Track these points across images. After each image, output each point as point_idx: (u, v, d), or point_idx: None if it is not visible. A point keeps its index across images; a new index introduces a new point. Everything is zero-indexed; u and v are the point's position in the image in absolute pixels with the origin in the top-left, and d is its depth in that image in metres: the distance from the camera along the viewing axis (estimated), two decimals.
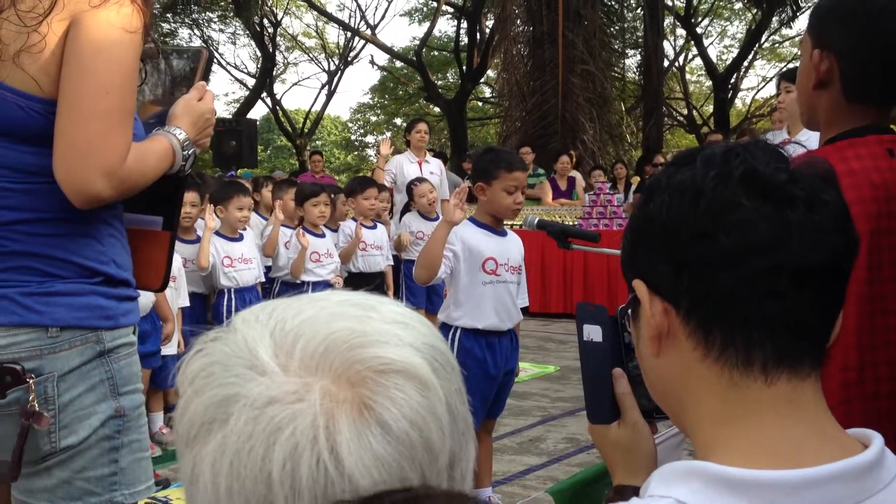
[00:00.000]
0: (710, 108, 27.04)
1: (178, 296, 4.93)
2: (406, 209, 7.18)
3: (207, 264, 5.20)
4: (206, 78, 1.85)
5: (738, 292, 0.84)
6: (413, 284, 6.24)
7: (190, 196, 5.13)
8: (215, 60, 28.30)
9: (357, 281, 6.26)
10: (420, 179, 7.06)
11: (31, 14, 1.50)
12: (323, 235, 5.97)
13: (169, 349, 4.81)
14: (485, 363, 3.61)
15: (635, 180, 11.14)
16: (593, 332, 1.16)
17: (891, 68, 1.57)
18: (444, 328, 3.66)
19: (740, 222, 0.83)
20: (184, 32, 25.69)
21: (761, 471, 0.80)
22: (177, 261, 4.84)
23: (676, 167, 0.90)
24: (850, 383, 1.48)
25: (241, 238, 5.51)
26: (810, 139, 2.18)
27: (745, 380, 0.85)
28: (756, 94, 30.45)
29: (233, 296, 5.36)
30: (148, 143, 1.68)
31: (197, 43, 25.94)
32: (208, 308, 5.56)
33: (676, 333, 0.88)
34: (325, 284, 5.80)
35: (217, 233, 5.34)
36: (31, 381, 1.56)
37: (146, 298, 4.35)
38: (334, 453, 0.61)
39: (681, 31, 25.13)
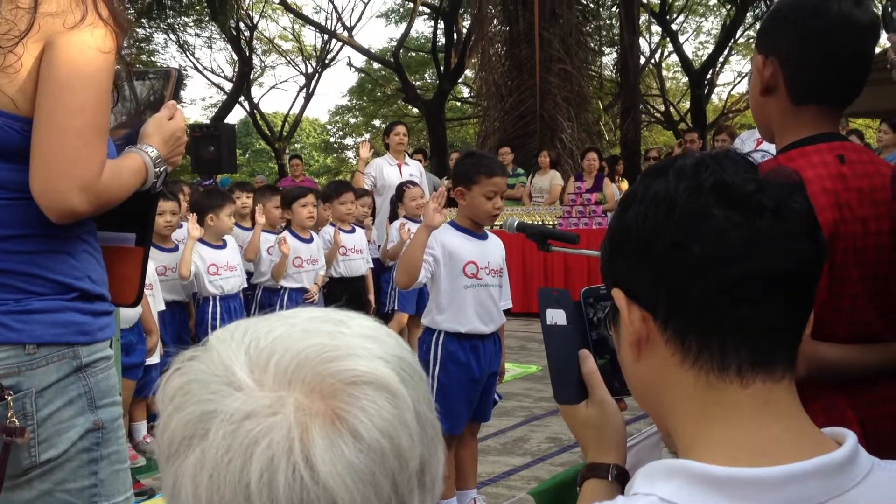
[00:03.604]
0: (686, 105, 27.19)
1: (154, 302, 4.91)
2: (394, 214, 7.12)
3: (189, 273, 5.16)
4: (176, 97, 1.87)
5: (712, 300, 0.87)
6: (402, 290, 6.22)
7: (169, 205, 5.12)
8: (193, 64, 28.22)
9: (339, 285, 6.24)
10: (411, 183, 7.00)
11: (6, 36, 1.53)
12: (310, 240, 5.91)
13: (152, 358, 4.80)
14: (469, 367, 3.62)
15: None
16: (557, 316, 1.21)
17: (829, 67, 1.61)
18: (428, 332, 3.67)
19: (711, 232, 0.86)
20: (159, 37, 25.60)
21: (741, 468, 0.83)
22: (151, 267, 4.81)
23: (651, 178, 0.93)
24: None
25: (224, 245, 5.50)
26: None
27: (722, 382, 0.88)
28: (732, 89, 30.78)
29: (217, 303, 5.34)
30: (121, 159, 1.70)
31: (173, 48, 25.85)
32: (190, 316, 5.54)
33: (655, 339, 0.92)
34: (304, 292, 5.79)
35: (202, 241, 5.31)
36: (9, 398, 1.58)
37: (132, 311, 4.34)
38: (309, 463, 0.64)
39: (656, 28, 25.32)
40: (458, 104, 29.80)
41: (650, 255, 0.89)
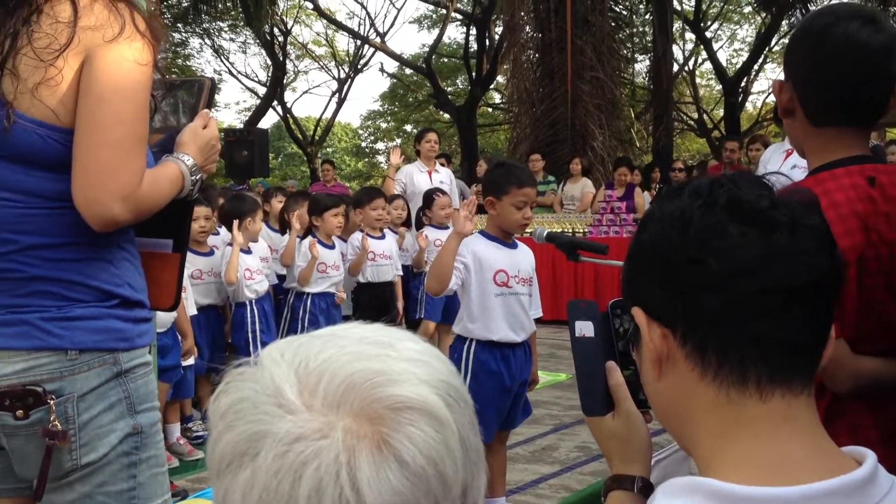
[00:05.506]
0: (720, 112, 26.98)
1: (187, 305, 4.99)
2: (419, 220, 7.16)
3: (236, 279, 5.31)
4: (209, 106, 1.92)
5: (729, 314, 0.88)
6: (430, 296, 6.23)
7: (203, 210, 5.21)
8: (227, 69, 28.37)
9: (366, 291, 6.29)
10: (441, 191, 7.04)
11: (47, 49, 1.58)
12: (333, 247, 6.02)
13: (185, 360, 4.87)
14: (500, 375, 3.64)
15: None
16: (585, 328, 1.22)
17: (840, 89, 1.60)
18: (460, 341, 3.69)
19: (727, 247, 0.88)
20: (195, 42, 25.92)
21: (759, 487, 0.84)
22: (185, 271, 4.89)
23: (666, 199, 0.95)
24: None
25: (250, 250, 5.60)
26: None
27: (741, 397, 0.90)
28: (766, 97, 30.36)
29: (254, 307, 5.50)
30: (159, 168, 1.75)
31: (207, 52, 26.12)
32: (226, 319, 5.63)
33: (675, 356, 0.93)
34: (328, 296, 5.90)
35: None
36: (52, 402, 1.62)
37: (168, 314, 4.41)
38: (356, 489, 0.65)
39: (690, 36, 25.13)
40: (490, 110, 29.79)
41: (668, 271, 0.91)
